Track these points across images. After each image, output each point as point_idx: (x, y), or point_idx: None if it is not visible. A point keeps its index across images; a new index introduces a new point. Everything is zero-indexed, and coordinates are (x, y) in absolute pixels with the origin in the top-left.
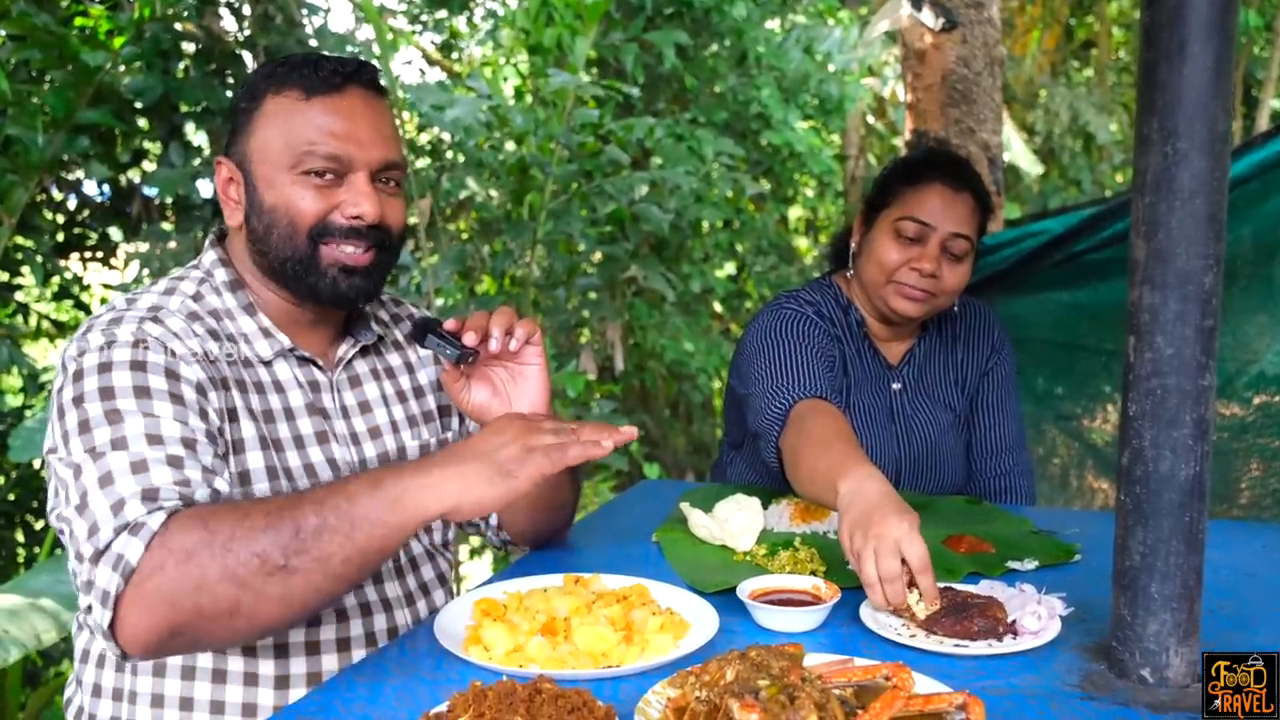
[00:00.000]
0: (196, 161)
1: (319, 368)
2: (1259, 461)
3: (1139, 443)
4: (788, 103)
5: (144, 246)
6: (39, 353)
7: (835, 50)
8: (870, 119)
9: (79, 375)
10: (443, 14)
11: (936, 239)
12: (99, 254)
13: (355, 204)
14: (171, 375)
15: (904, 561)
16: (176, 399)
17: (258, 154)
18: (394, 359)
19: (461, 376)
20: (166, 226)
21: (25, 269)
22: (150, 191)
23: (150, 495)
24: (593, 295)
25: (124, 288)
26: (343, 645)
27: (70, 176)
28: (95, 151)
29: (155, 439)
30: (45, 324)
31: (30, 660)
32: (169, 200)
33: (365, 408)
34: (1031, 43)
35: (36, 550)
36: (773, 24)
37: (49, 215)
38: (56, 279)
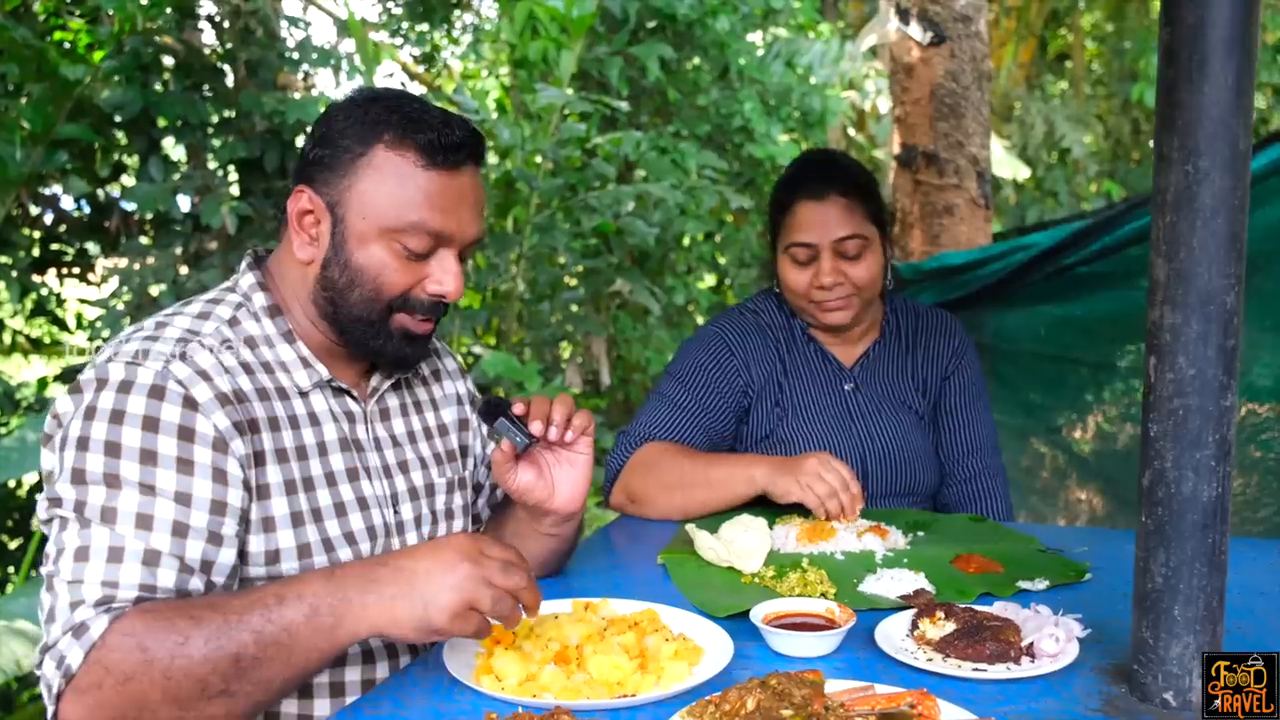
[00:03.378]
0: (176, 176)
1: (354, 399)
2: (1239, 473)
3: (1160, 464)
4: (770, 115)
5: (123, 262)
6: (12, 368)
7: (817, 64)
8: (851, 131)
9: (91, 413)
10: (424, 27)
11: (826, 252)
12: (76, 269)
13: (441, 282)
14: (185, 435)
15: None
16: (185, 466)
17: (356, 205)
18: (421, 393)
19: (512, 458)
20: (144, 241)
21: (1, 285)
22: (129, 206)
23: (106, 601)
24: (575, 309)
25: (102, 304)
26: (351, 687)
27: (47, 191)
28: (74, 166)
29: (145, 522)
30: (20, 340)
31: (5, 684)
32: (148, 215)
33: (396, 441)
34: (1006, 56)
35: (11, 570)
36: (754, 37)
37: (25, 231)
38: (33, 295)
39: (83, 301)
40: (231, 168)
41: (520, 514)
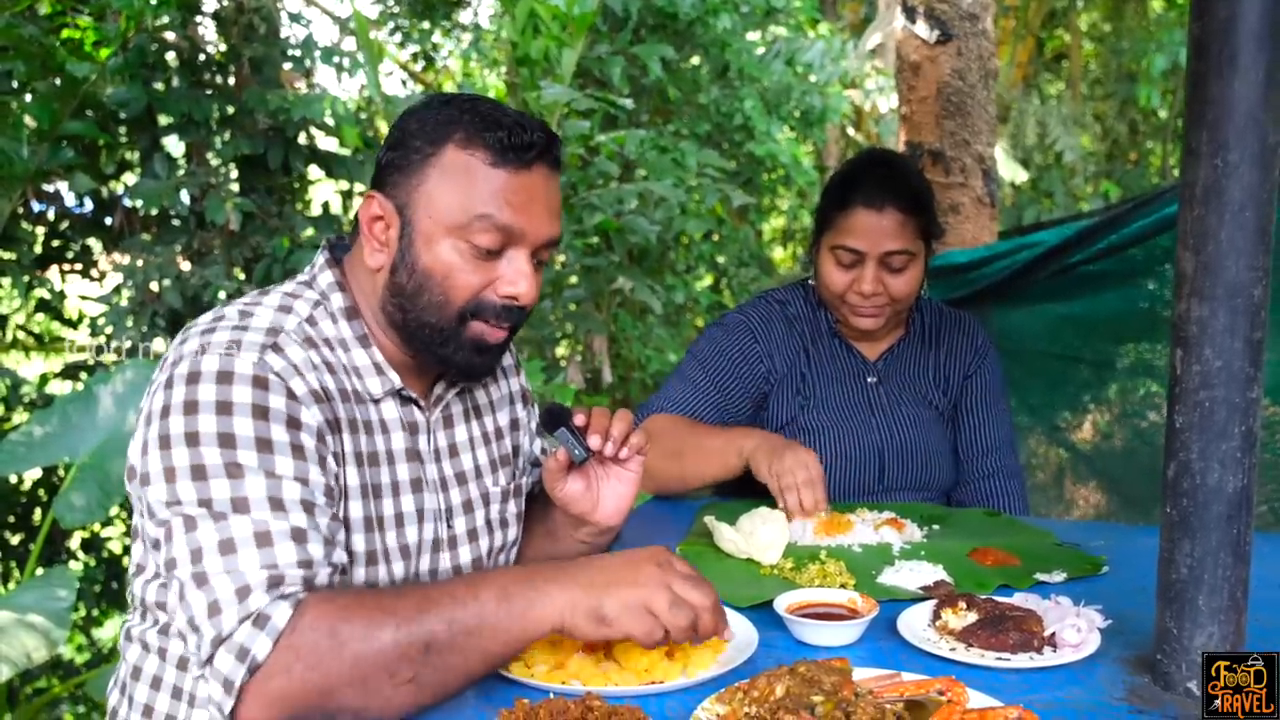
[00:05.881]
0: (180, 172)
1: (419, 408)
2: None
3: (1186, 455)
4: (770, 114)
5: (125, 259)
6: (13, 364)
7: (818, 63)
8: (850, 131)
9: (193, 407)
10: (425, 25)
11: (871, 261)
12: (79, 266)
13: (513, 283)
14: (293, 424)
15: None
16: (298, 451)
17: (424, 205)
18: (480, 397)
19: (565, 468)
20: (146, 238)
21: (6, 281)
22: (130, 202)
23: (275, 582)
24: (573, 307)
25: (104, 300)
26: None
27: (50, 188)
28: (79, 163)
29: (278, 504)
30: (22, 335)
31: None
32: (151, 212)
33: (454, 451)
34: (1004, 56)
35: (13, 564)
36: (754, 36)
37: (25, 226)
38: (38, 291)
39: (84, 298)
40: (234, 165)
41: (558, 518)
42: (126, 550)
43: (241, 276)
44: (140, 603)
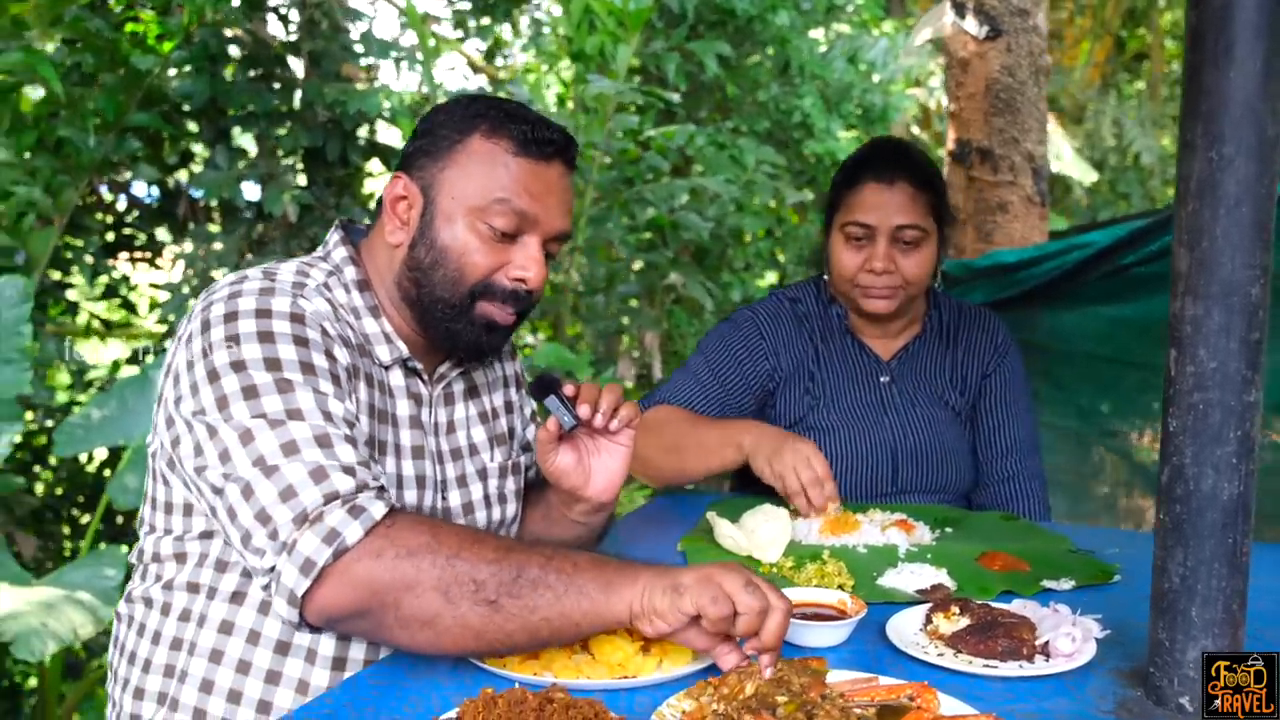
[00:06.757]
0: (242, 164)
1: (424, 382)
2: None
3: (1179, 460)
4: (831, 112)
5: (189, 247)
6: (89, 351)
7: (880, 60)
8: (915, 130)
9: (234, 340)
10: (486, 20)
11: (883, 236)
12: (146, 254)
13: (523, 267)
14: (330, 356)
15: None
16: (336, 380)
17: (448, 186)
18: (479, 377)
19: (556, 439)
20: (212, 228)
21: (75, 268)
22: (196, 193)
23: (349, 469)
24: (633, 302)
25: (170, 288)
26: None
27: (119, 178)
28: (144, 154)
29: (328, 416)
30: (94, 322)
31: (73, 653)
32: (215, 202)
33: (452, 427)
34: (1081, 54)
35: (81, 543)
36: (816, 34)
37: (98, 216)
38: (104, 278)
39: (153, 286)
40: (295, 157)
41: (552, 498)
42: None
43: None
44: (150, 558)
